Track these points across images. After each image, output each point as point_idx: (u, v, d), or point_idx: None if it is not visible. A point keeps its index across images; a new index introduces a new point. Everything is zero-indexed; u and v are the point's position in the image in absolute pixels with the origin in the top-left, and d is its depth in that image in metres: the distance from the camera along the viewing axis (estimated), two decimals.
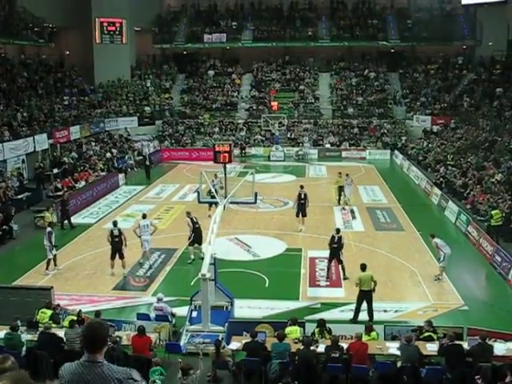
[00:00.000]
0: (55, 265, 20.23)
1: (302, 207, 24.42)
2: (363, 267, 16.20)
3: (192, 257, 21.08)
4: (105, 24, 49.98)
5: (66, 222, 25.99)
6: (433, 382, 12.10)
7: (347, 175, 29.03)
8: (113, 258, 19.63)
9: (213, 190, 18.32)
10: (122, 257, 19.64)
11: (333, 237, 18.97)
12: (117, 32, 50.29)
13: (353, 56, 55.34)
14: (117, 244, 19.56)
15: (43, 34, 45.17)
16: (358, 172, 38.90)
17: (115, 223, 20.23)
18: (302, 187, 25.01)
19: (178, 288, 18.59)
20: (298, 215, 24.62)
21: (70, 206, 26.74)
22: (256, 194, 17.54)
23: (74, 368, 4.34)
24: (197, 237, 20.93)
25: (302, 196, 24.42)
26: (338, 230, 19.26)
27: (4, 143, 31.59)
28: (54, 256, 20.14)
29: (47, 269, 20.02)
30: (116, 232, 19.65)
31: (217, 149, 17.02)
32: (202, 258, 19.24)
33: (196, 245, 21.05)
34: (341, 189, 29.28)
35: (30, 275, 19.83)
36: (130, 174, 38.74)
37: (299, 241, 23.54)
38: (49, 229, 20.40)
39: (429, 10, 53.10)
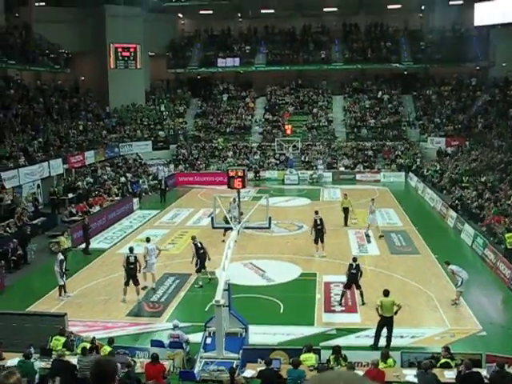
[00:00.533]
0: (65, 291, 20.21)
1: (319, 233, 24.13)
2: (386, 293, 15.97)
3: (200, 283, 21.05)
4: (119, 49, 50.52)
5: (83, 246, 26.16)
6: None
7: (373, 200, 28.56)
8: (127, 284, 19.55)
9: (227, 216, 18.27)
10: (136, 283, 19.57)
11: (351, 265, 18.84)
12: (131, 57, 50.81)
13: (366, 78, 55.50)
14: (132, 270, 19.49)
15: (59, 60, 45.81)
16: (372, 195, 38.62)
17: (131, 249, 20.14)
18: (316, 213, 24.76)
19: (193, 314, 18.55)
20: (316, 242, 24.24)
21: (91, 229, 26.93)
22: (270, 219, 17.44)
23: None
24: (201, 262, 20.91)
25: (318, 221, 24.11)
26: (354, 259, 19.11)
27: (19, 168, 31.83)
28: (64, 283, 20.13)
29: (60, 295, 20.05)
30: (132, 259, 19.59)
31: (230, 174, 16.89)
32: (210, 279, 20.03)
33: (202, 270, 20.99)
34: (346, 210, 29.41)
35: (45, 301, 19.84)
36: (145, 198, 38.82)
37: (314, 265, 23.39)
38: (61, 257, 20.23)
39: (442, 32, 53.07)
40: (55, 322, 15.89)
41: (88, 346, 13.55)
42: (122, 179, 39.46)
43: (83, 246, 26.28)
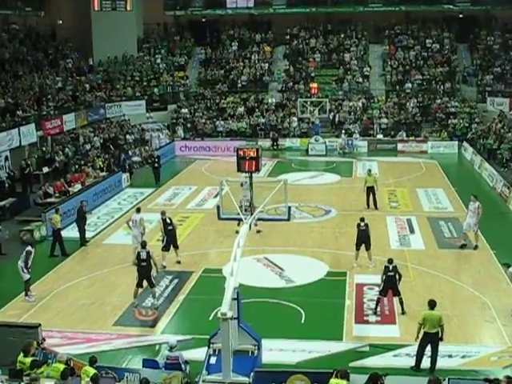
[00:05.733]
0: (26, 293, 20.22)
1: (363, 237, 22.69)
2: (432, 304, 15.83)
3: (164, 263, 22.43)
4: None
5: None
6: None
7: (475, 197, 25.65)
8: (139, 285, 19.57)
9: (237, 207, 18.02)
10: (152, 285, 19.54)
11: (386, 267, 18.79)
12: None
13: (411, 23, 54.91)
14: (144, 269, 19.39)
15: (31, 0, 45.65)
16: (417, 171, 38.66)
17: (144, 245, 20.04)
18: (362, 220, 23.13)
19: (194, 323, 18.58)
20: (358, 248, 22.83)
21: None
22: (289, 209, 17.30)
23: None
24: (171, 240, 22.98)
25: (362, 225, 22.84)
26: (390, 261, 18.96)
27: None
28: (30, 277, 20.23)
29: (27, 294, 20.08)
30: (144, 255, 19.48)
31: (240, 154, 16.41)
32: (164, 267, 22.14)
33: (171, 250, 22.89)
34: (369, 190, 29.54)
35: (16, 303, 19.87)
36: (136, 173, 38.82)
37: (344, 262, 23.32)
38: (29, 247, 20.35)
39: None
40: (27, 334, 15.98)
41: (62, 367, 13.57)
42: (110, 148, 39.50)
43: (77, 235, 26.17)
